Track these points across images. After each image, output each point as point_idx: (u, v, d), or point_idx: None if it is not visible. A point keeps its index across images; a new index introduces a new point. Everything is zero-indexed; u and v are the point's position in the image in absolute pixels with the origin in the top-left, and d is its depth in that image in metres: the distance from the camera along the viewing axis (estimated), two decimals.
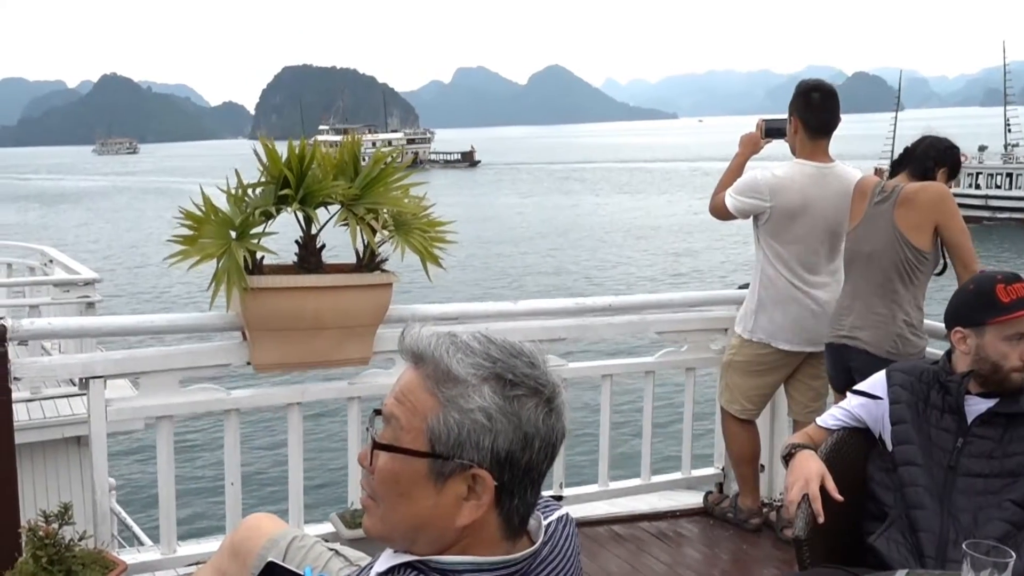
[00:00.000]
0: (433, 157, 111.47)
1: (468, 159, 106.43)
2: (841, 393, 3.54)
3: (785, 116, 3.63)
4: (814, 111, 3.52)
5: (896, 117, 51.82)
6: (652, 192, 58.44)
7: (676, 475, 4.19)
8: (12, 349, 2.83)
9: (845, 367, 3.35)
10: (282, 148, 3.10)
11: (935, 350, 3.32)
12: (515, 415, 1.08)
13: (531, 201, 56.66)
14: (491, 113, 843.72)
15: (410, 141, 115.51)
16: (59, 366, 3.36)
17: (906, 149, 3.38)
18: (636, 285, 25.56)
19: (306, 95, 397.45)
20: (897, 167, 3.36)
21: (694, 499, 4.11)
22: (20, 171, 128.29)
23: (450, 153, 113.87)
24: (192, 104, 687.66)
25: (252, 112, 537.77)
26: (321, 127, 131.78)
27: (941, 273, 3.34)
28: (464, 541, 1.11)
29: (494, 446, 1.07)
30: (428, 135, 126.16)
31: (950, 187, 3.33)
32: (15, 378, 2.81)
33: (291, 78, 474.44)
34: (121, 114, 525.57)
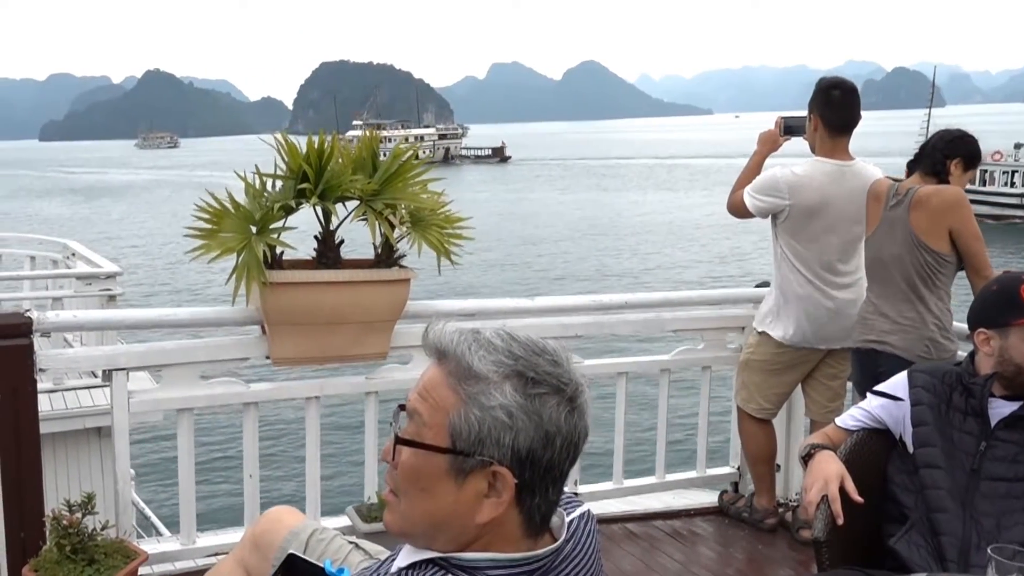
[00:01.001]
0: (464, 153, 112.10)
1: (499, 155, 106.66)
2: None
3: (804, 114, 3.62)
4: (834, 108, 3.49)
5: (929, 113, 51.18)
6: (696, 188, 56.82)
7: (691, 473, 4.19)
8: (35, 341, 2.87)
9: (873, 373, 3.28)
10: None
11: (958, 351, 3.31)
12: (536, 413, 1.08)
13: (568, 198, 56.35)
14: (525, 109, 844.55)
15: (442, 136, 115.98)
16: (83, 358, 3.40)
17: (921, 147, 3.35)
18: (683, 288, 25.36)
19: (343, 90, 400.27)
20: (912, 166, 3.32)
21: (709, 498, 4.11)
22: (67, 164, 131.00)
23: (481, 149, 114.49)
24: (232, 99, 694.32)
25: (290, 107, 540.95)
26: (355, 122, 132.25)
27: (961, 269, 3.29)
28: (484, 538, 1.12)
29: (515, 444, 1.08)
30: (459, 131, 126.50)
31: (969, 179, 3.26)
32: (40, 369, 2.85)
33: (328, 74, 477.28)
34: (164, 109, 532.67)
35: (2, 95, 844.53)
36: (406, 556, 1.14)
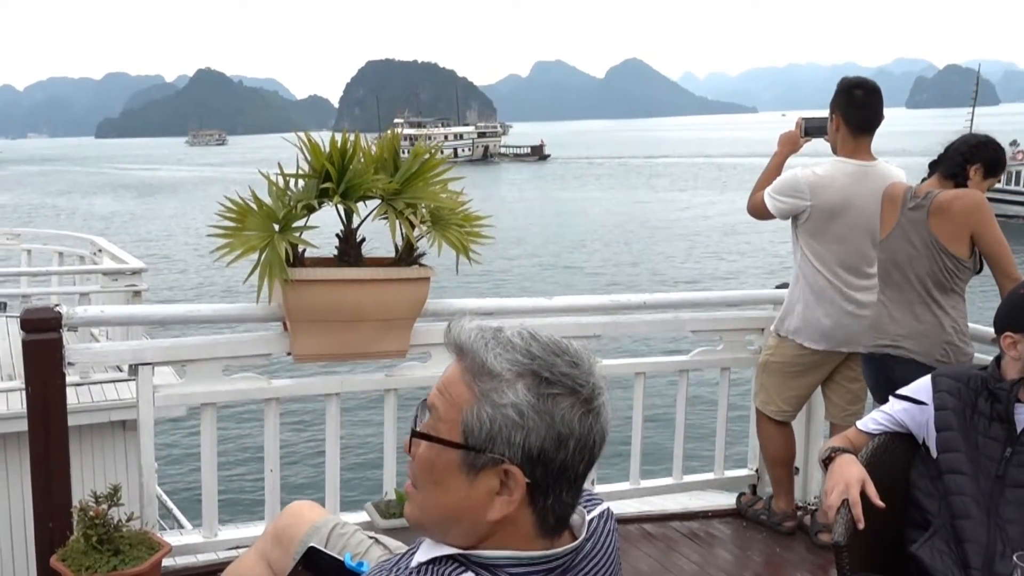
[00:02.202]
0: (503, 151, 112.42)
1: (537, 153, 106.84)
2: None
3: (825, 114, 3.58)
4: (857, 108, 3.45)
5: (973, 111, 49.76)
6: (745, 189, 55.15)
7: (708, 475, 4.17)
8: (63, 335, 2.93)
9: (887, 378, 3.23)
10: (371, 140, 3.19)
11: (983, 355, 3.25)
12: (548, 413, 1.08)
13: (604, 196, 55.98)
14: (568, 107, 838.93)
15: (481, 135, 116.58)
16: (111, 352, 3.47)
17: (944, 149, 3.29)
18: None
19: (388, 88, 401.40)
20: (932, 168, 3.27)
21: (726, 500, 4.08)
22: (121, 161, 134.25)
23: (520, 147, 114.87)
24: (280, 97, 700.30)
25: (336, 105, 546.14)
26: (396, 120, 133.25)
27: (979, 271, 3.22)
28: (497, 535, 1.12)
29: (526, 443, 1.07)
30: (498, 129, 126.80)
31: (990, 185, 3.19)
32: (69, 363, 2.91)
33: (374, 72, 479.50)
34: (214, 107, 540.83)
35: (61, 94, 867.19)
36: (425, 551, 1.15)
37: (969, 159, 3.15)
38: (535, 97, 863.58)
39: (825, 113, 3.61)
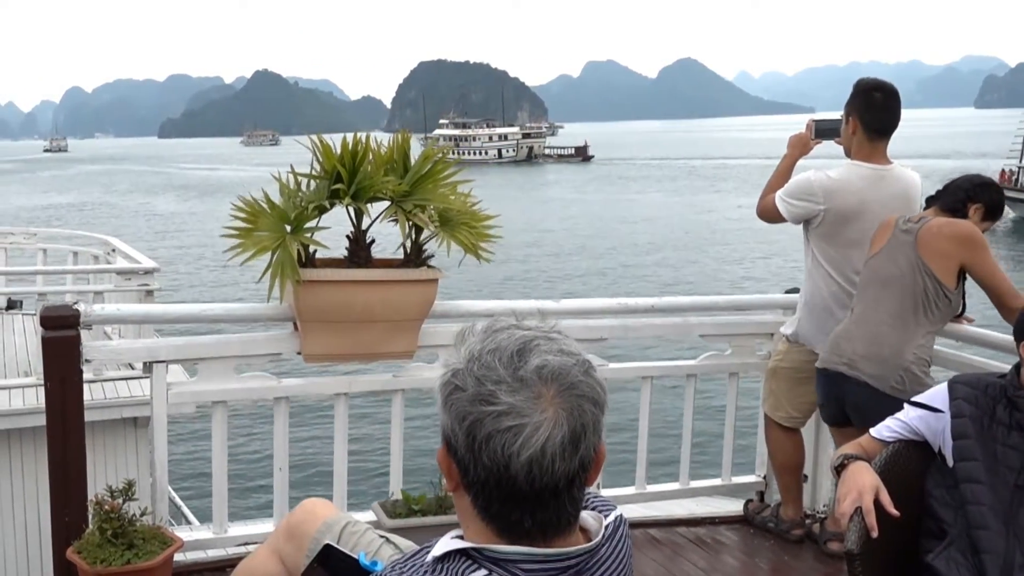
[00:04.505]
0: (547, 152, 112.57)
1: (581, 154, 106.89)
2: (832, 424, 3.42)
3: (837, 116, 3.53)
4: (876, 111, 3.40)
5: None
6: None
7: (716, 481, 4.14)
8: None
9: (837, 397, 3.22)
10: (412, 141, 3.24)
11: (1001, 364, 3.18)
12: (452, 404, 1.13)
13: (644, 198, 55.50)
14: (620, 107, 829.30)
15: (525, 136, 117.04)
16: (126, 350, 3.54)
17: (945, 185, 3.27)
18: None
19: (439, 89, 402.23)
20: (931, 201, 3.25)
21: (734, 506, 4.06)
22: (181, 161, 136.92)
23: (564, 148, 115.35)
24: (334, 98, 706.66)
25: (388, 106, 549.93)
26: (441, 121, 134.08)
27: (960, 315, 3.21)
28: (462, 520, 1.17)
29: (444, 422, 1.15)
30: (543, 130, 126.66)
31: (985, 228, 3.16)
32: (86, 360, 2.99)
33: (426, 72, 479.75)
34: (270, 108, 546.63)
35: (126, 95, 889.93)
36: (441, 546, 1.16)
37: (972, 197, 3.14)
38: (586, 97, 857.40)
39: (837, 115, 3.55)
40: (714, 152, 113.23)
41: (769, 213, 3.62)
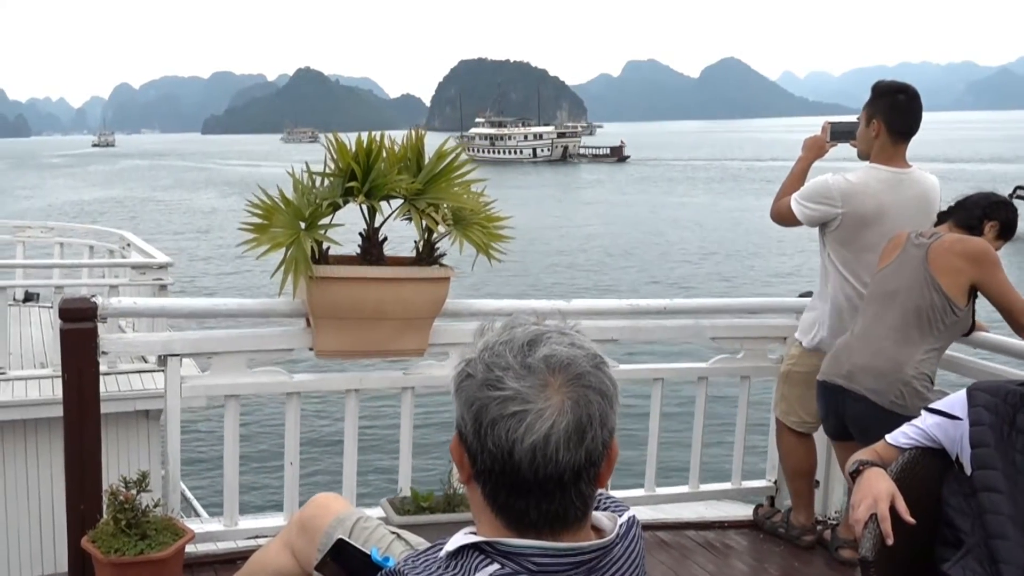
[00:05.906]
0: (582, 151, 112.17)
1: (616, 154, 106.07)
2: (835, 438, 3.39)
3: (853, 119, 3.47)
4: (900, 113, 3.36)
5: None
6: None
7: (725, 485, 4.11)
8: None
9: (836, 411, 3.19)
10: (452, 140, 3.26)
11: (1020, 371, 3.13)
12: (463, 389, 1.15)
13: (672, 200, 54.85)
14: (661, 107, 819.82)
15: (560, 135, 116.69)
16: (141, 343, 3.59)
17: (959, 201, 3.24)
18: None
19: (478, 87, 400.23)
20: (944, 216, 3.21)
21: (743, 511, 4.03)
22: (223, 157, 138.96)
23: (599, 148, 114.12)
24: (374, 96, 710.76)
25: (428, 104, 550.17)
26: (477, 120, 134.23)
27: (968, 334, 3.16)
28: (474, 512, 1.17)
29: (457, 415, 1.15)
30: (578, 129, 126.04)
31: (998, 247, 3.12)
32: (102, 352, 3.03)
33: (466, 71, 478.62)
34: (311, 105, 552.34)
35: (172, 91, 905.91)
36: (454, 541, 1.17)
37: (988, 214, 3.12)
38: (627, 97, 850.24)
39: (852, 117, 3.49)
40: (763, 153, 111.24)
41: (784, 217, 3.58)
